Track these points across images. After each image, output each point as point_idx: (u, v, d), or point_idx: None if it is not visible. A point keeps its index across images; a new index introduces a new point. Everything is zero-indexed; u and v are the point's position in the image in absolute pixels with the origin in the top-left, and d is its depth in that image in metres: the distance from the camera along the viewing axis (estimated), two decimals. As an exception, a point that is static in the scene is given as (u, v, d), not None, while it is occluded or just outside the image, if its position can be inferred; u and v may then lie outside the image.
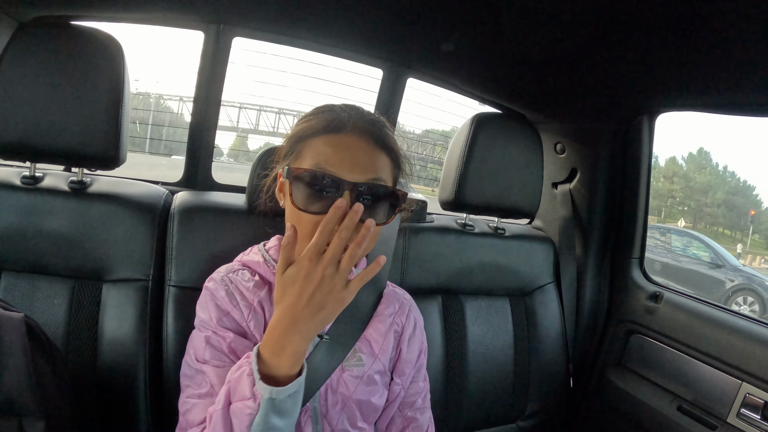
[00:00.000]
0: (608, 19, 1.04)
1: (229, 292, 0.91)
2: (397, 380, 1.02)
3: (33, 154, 1.10)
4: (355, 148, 0.86)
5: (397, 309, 1.05)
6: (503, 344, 1.55)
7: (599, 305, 1.74)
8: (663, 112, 1.56)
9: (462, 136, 1.49)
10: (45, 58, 1.07)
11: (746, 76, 1.14)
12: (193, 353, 0.88)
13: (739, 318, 1.39)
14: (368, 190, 0.83)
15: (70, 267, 1.11)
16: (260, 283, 0.94)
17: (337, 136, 0.86)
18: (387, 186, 0.87)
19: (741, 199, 32.22)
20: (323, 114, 0.90)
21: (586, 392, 1.71)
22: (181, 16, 1.46)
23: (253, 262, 0.96)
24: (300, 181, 0.83)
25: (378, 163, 0.87)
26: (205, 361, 0.85)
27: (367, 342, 0.98)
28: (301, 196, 0.82)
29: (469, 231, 1.55)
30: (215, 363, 0.85)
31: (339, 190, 0.81)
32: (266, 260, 0.95)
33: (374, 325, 1.00)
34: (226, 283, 0.92)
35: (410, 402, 1.04)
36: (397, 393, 1.02)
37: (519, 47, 1.33)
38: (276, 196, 0.98)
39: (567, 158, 1.77)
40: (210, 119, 1.57)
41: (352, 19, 1.39)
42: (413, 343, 1.05)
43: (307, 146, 0.87)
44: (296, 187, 0.83)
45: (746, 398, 1.27)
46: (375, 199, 0.84)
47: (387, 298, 1.05)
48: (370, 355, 0.98)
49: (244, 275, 0.94)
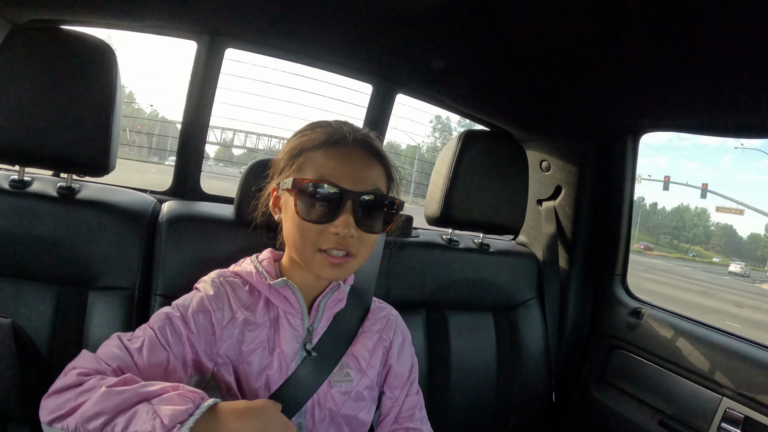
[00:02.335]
0: (594, 40, 1.07)
1: (218, 294, 0.91)
2: (389, 394, 1.04)
3: (22, 158, 1.10)
4: (356, 159, 0.89)
5: (384, 325, 1.06)
6: (486, 359, 1.55)
7: (582, 321, 1.75)
8: (646, 132, 1.60)
9: (449, 152, 1.51)
10: (37, 62, 1.07)
11: (727, 98, 1.18)
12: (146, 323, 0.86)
13: (719, 334, 1.42)
14: (369, 200, 0.88)
15: (56, 273, 1.10)
16: (250, 294, 0.94)
17: (338, 149, 0.89)
18: (386, 195, 0.92)
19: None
20: (322, 128, 0.93)
21: (569, 407, 1.72)
22: (175, 26, 1.46)
23: (246, 273, 0.96)
24: (305, 192, 0.86)
25: (375, 174, 0.91)
26: (152, 329, 0.83)
27: (355, 358, 0.99)
28: (306, 207, 0.86)
29: (455, 246, 1.56)
30: (160, 340, 0.82)
31: (342, 201, 0.85)
32: (259, 272, 0.96)
33: (362, 341, 1.01)
34: (218, 285, 0.92)
35: (409, 415, 1.05)
36: (389, 407, 1.04)
37: (506, 66, 1.36)
38: (270, 210, 0.99)
39: (552, 176, 1.80)
40: (200, 129, 1.58)
41: (343, 34, 1.41)
42: (403, 357, 1.06)
43: (308, 159, 0.90)
44: (301, 199, 0.86)
45: (726, 413, 1.29)
46: (374, 208, 0.89)
47: (374, 313, 1.07)
48: (357, 371, 0.98)
49: (236, 285, 0.94)
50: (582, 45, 1.11)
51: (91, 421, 0.67)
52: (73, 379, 0.73)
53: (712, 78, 1.10)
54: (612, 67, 1.18)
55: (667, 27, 0.93)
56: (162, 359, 0.81)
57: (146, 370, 0.79)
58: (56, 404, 0.71)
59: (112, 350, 0.80)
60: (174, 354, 0.82)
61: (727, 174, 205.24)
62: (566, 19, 1.02)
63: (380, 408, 1.04)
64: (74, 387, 0.72)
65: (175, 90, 33.33)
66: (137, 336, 0.83)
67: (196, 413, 0.66)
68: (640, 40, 1.02)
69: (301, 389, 0.91)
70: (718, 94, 1.18)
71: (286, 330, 0.93)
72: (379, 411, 1.05)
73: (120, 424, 0.66)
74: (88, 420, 0.67)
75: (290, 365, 0.91)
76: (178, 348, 0.83)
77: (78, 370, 0.74)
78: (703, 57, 1.01)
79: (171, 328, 0.84)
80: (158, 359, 0.81)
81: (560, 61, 1.23)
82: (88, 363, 0.76)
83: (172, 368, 0.82)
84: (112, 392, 0.68)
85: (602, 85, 1.31)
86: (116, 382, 0.70)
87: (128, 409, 0.67)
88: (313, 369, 0.92)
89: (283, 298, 0.93)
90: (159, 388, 0.69)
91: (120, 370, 0.77)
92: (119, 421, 0.66)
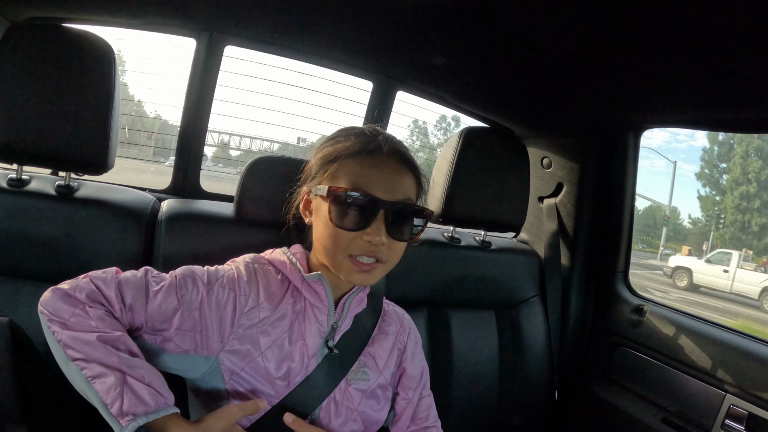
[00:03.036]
0: (595, 36, 1.07)
1: (250, 279, 0.92)
2: (403, 395, 1.06)
3: (20, 156, 1.09)
4: (389, 169, 0.91)
5: (399, 328, 1.08)
6: (488, 356, 1.55)
7: (584, 318, 1.75)
8: (648, 128, 1.60)
9: (450, 149, 1.50)
10: (36, 60, 1.06)
11: (728, 94, 1.18)
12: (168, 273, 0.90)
13: (722, 330, 1.41)
14: (401, 210, 0.90)
15: (54, 272, 1.09)
16: (281, 284, 0.95)
17: (372, 159, 0.91)
18: (417, 206, 0.94)
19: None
20: (356, 136, 0.94)
21: (571, 405, 1.71)
22: (174, 23, 1.46)
23: (279, 261, 0.98)
24: (339, 200, 0.88)
25: (407, 183, 0.93)
26: (175, 276, 0.89)
27: (372, 357, 1.01)
28: (339, 214, 0.88)
29: (456, 244, 1.56)
30: (177, 290, 0.86)
31: (375, 209, 0.87)
32: (292, 262, 0.97)
33: (379, 342, 1.03)
34: (251, 271, 0.93)
35: (425, 416, 1.08)
36: (404, 408, 1.06)
37: (506, 63, 1.36)
38: (300, 212, 1.00)
39: (553, 173, 1.80)
40: (200, 127, 1.57)
41: (343, 31, 1.40)
42: (416, 360, 1.09)
43: (343, 166, 0.91)
44: (335, 206, 0.88)
45: (730, 410, 1.29)
46: (405, 216, 0.91)
47: (389, 316, 1.09)
48: (375, 369, 1.01)
49: (269, 272, 0.95)
50: (583, 41, 1.11)
51: (69, 349, 0.75)
52: (83, 294, 0.80)
53: (713, 74, 1.09)
54: (613, 63, 1.18)
55: (669, 23, 0.93)
56: (172, 308, 0.85)
57: (153, 313, 0.84)
58: (55, 307, 0.78)
59: (134, 281, 0.85)
60: (184, 308, 0.85)
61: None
62: (567, 16, 1.01)
63: (394, 408, 1.06)
64: (78, 303, 0.79)
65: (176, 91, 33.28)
66: (161, 278, 0.88)
67: (150, 415, 0.72)
68: (641, 37, 1.02)
69: (321, 385, 0.92)
70: (719, 90, 1.18)
71: (311, 323, 0.93)
72: (394, 411, 1.06)
73: (89, 371, 0.74)
74: (68, 346, 0.75)
75: (311, 360, 0.92)
76: (189, 304, 0.86)
77: (91, 287, 0.81)
78: (704, 53, 1.01)
79: (192, 284, 0.87)
80: (169, 306, 0.84)
81: (561, 58, 1.22)
82: (106, 285, 0.82)
83: (177, 319, 0.85)
84: (99, 346, 0.75)
85: (603, 81, 1.30)
86: (110, 338, 0.76)
87: (105, 366, 0.74)
88: (333, 366, 0.94)
89: (313, 292, 0.95)
90: (141, 373, 0.75)
91: (130, 309, 0.82)
92: (90, 368, 0.74)
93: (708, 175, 25.12)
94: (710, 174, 25.08)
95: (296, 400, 0.90)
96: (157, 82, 18.75)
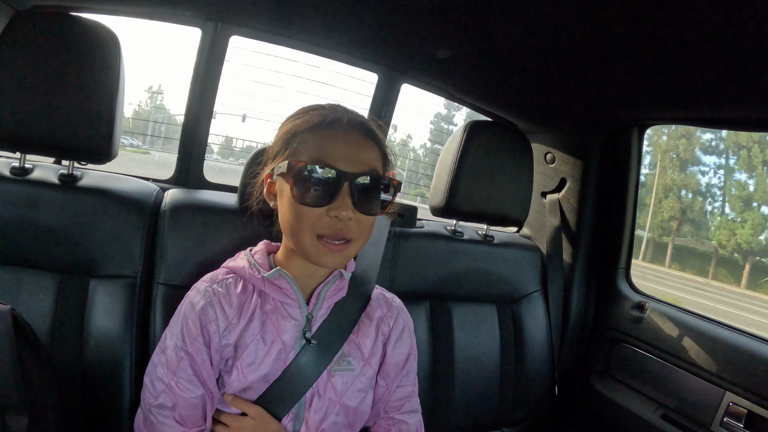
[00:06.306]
0: (599, 31, 1.06)
1: (208, 304, 0.91)
2: (381, 382, 1.02)
3: (24, 144, 1.08)
4: (351, 141, 0.87)
5: (385, 312, 1.05)
6: (490, 351, 1.55)
7: (586, 314, 1.75)
8: (652, 125, 1.59)
9: (454, 143, 1.50)
10: (40, 48, 1.06)
11: (732, 91, 1.18)
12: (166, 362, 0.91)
13: (722, 328, 1.41)
14: (367, 182, 0.85)
15: (57, 261, 1.09)
16: (244, 290, 0.94)
17: (332, 131, 0.87)
18: (383, 176, 0.90)
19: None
20: (315, 111, 0.91)
21: (572, 400, 1.72)
22: (179, 12, 1.45)
23: (239, 268, 0.96)
24: (300, 175, 0.84)
25: (371, 155, 0.89)
26: (176, 384, 0.90)
27: (357, 346, 0.98)
28: (302, 191, 0.84)
29: (459, 237, 1.55)
30: (184, 392, 0.89)
31: (339, 183, 0.83)
32: (251, 264, 0.95)
33: (363, 330, 1.00)
34: (209, 295, 0.92)
35: (398, 405, 1.04)
36: (381, 395, 1.02)
37: (511, 57, 1.35)
38: (265, 197, 0.97)
39: (557, 168, 1.79)
40: (204, 117, 1.56)
41: (349, 23, 1.39)
42: (399, 347, 1.04)
43: (303, 142, 0.88)
44: (297, 182, 0.84)
45: (729, 407, 1.29)
46: (371, 189, 0.87)
47: (375, 301, 1.05)
48: (359, 359, 0.98)
49: (230, 285, 0.94)
50: (588, 37, 1.10)
51: None
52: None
53: (717, 71, 1.09)
54: (617, 59, 1.17)
55: (674, 19, 0.93)
56: (193, 396, 0.89)
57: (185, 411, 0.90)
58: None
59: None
60: (199, 386, 0.90)
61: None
62: (572, 11, 1.01)
63: (373, 396, 1.02)
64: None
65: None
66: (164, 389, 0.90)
67: None
68: (645, 32, 1.01)
69: (301, 378, 0.91)
70: (723, 88, 1.18)
71: (286, 320, 0.92)
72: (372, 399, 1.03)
73: None
74: None
75: (289, 354, 0.91)
76: (198, 383, 0.89)
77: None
78: (709, 50, 1.00)
79: (185, 375, 0.89)
80: (191, 397, 0.89)
81: (566, 53, 1.22)
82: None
83: (201, 395, 0.90)
84: None
85: (608, 77, 1.30)
86: None
87: None
88: (312, 357, 0.92)
89: (277, 289, 0.93)
90: None
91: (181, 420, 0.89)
92: None
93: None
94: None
95: (275, 395, 0.90)
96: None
